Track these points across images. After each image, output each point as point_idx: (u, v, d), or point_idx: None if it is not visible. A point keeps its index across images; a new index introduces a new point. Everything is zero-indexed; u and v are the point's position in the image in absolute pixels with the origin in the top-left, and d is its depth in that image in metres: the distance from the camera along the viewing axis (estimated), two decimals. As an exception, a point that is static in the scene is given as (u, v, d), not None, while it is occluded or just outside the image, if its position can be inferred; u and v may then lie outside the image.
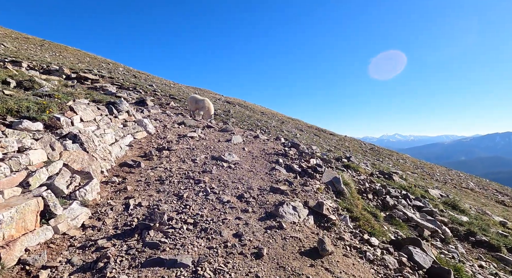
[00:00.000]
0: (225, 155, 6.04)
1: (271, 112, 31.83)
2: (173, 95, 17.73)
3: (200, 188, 4.50)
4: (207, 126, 9.14)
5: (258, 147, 7.23)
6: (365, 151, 26.91)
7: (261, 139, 8.24)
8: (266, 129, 17.04)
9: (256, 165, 5.82)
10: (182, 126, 8.58)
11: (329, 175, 5.77)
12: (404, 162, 28.08)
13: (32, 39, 24.30)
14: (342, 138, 30.22)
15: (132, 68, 29.80)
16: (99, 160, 4.58)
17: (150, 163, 5.49)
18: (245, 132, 9.22)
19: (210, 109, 13.32)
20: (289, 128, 23.56)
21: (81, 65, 20.07)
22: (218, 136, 8.11)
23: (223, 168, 5.49)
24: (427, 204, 6.99)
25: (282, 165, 5.85)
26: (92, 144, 4.68)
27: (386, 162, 24.42)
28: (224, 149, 6.75)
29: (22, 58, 15.76)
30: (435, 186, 14.76)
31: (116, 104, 6.79)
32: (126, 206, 3.79)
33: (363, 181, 7.16)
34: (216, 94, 33.01)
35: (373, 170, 9.01)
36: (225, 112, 18.19)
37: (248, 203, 4.16)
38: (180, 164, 5.54)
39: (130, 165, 5.14)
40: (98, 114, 5.93)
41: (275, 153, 6.64)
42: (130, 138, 6.52)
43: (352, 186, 6.14)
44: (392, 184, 7.99)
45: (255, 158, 6.26)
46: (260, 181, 4.99)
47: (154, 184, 4.55)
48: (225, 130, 8.84)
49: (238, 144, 7.34)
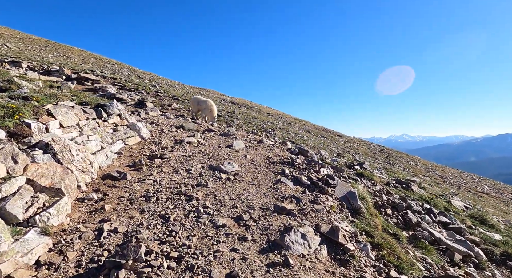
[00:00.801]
0: (224, 165, 5.32)
1: (277, 113, 31.06)
2: (176, 96, 17.13)
3: (192, 207, 3.78)
4: (207, 130, 8.45)
5: (262, 154, 6.49)
6: (374, 153, 25.94)
7: (266, 145, 7.49)
8: (271, 131, 16.30)
9: (259, 177, 5.08)
10: (180, 130, 7.91)
11: (343, 189, 4.99)
12: (415, 165, 27.00)
13: (37, 40, 24.09)
14: (350, 140, 29.26)
15: (137, 69, 29.43)
16: (75, 173, 3.92)
17: (139, 174, 4.80)
18: (249, 136, 8.49)
19: (213, 111, 12.66)
20: (295, 129, 22.76)
21: (85, 66, 19.67)
22: (218, 141, 7.40)
23: (220, 180, 4.76)
24: (453, 219, 6.13)
25: (288, 176, 5.09)
26: (69, 154, 4.02)
27: (397, 165, 23.43)
28: (224, 156, 6.03)
29: (24, 58, 15.38)
30: (451, 192, 13.75)
31: (106, 107, 6.15)
32: (99, 232, 3.10)
33: (380, 193, 6.34)
34: (221, 95, 32.41)
35: (389, 178, 8.17)
36: (230, 114, 17.51)
37: (248, 227, 3.42)
38: (172, 176, 4.84)
39: (114, 177, 4.46)
40: (83, 118, 5.28)
41: (281, 162, 5.88)
42: (120, 145, 5.86)
43: (368, 200, 5.35)
44: (411, 195, 7.15)
45: (258, 168, 5.51)
46: (263, 198, 4.25)
47: (138, 201, 3.86)
48: (227, 134, 8.13)
49: (240, 151, 6.62)
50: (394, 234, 4.57)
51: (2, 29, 23.74)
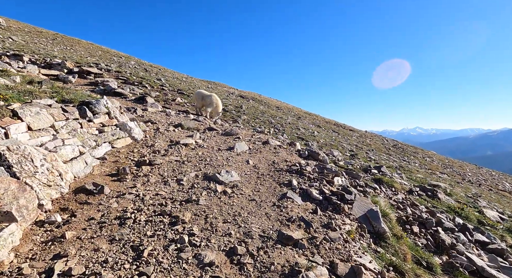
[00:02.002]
0: (222, 173, 4.52)
1: (287, 107, 29.98)
2: (182, 90, 16.38)
3: (175, 235, 3.01)
4: (208, 128, 7.64)
5: (267, 159, 5.64)
6: (388, 148, 24.67)
7: (272, 146, 6.64)
8: (280, 126, 15.38)
9: (262, 189, 4.25)
10: (178, 129, 7.13)
11: (362, 206, 4.10)
12: (431, 161, 25.62)
13: (45, 33, 23.71)
14: (363, 134, 27.98)
15: (145, 62, 28.83)
16: (36, 188, 3.20)
17: (120, 186, 4.06)
18: (254, 136, 7.64)
19: (218, 106, 11.83)
20: (305, 124, 21.72)
21: (91, 59, 19.13)
22: (219, 142, 6.59)
23: (215, 194, 3.96)
24: (491, 237, 5.16)
25: (296, 189, 4.24)
26: (30, 165, 3.30)
27: (412, 161, 22.18)
28: (222, 162, 5.22)
29: (27, 51, 14.91)
30: (473, 192, 12.55)
31: (92, 105, 5.41)
32: (47, 276, 2.38)
33: (403, 205, 5.42)
34: (230, 88, 31.53)
35: (411, 184, 7.18)
36: (237, 108, 16.65)
37: (242, 267, 2.61)
38: (159, 188, 4.07)
39: (89, 191, 3.73)
40: (61, 119, 4.56)
41: (288, 170, 5.02)
42: (105, 148, 5.14)
43: (392, 217, 4.45)
44: (439, 206, 6.18)
45: (261, 177, 4.68)
46: (265, 220, 3.43)
47: (110, 225, 3.12)
48: (230, 133, 7.30)
49: (242, 154, 5.79)
50: (427, 263, 3.69)
51: (11, 22, 23.45)
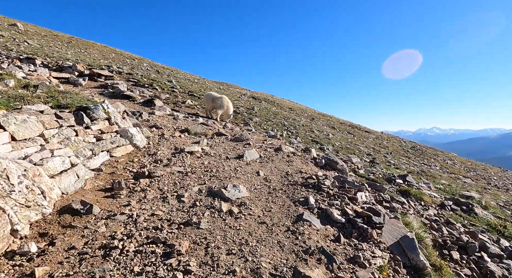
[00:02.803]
0: (228, 188, 3.94)
1: (300, 108, 29.18)
2: (193, 92, 15.99)
3: (167, 272, 2.45)
4: (217, 134, 7.10)
5: (280, 169, 5.02)
6: (406, 151, 23.48)
7: (285, 153, 6.01)
8: (293, 129, 14.69)
9: (273, 209, 3.64)
10: (184, 135, 6.62)
11: (393, 230, 3.41)
12: (452, 164, 24.20)
13: (61, 37, 24.04)
14: (379, 136, 26.80)
15: (158, 63, 28.81)
16: (9, 211, 2.73)
17: (113, 203, 3.56)
18: (265, 141, 7.03)
19: (229, 108, 11.31)
20: (319, 126, 20.91)
21: (104, 61, 19.11)
22: (228, 149, 6.03)
23: (219, 215, 3.39)
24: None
25: (314, 209, 3.60)
26: (4, 183, 2.83)
27: (433, 164, 20.96)
28: (230, 173, 4.64)
29: (41, 55, 14.94)
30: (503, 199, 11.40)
31: (90, 110, 4.97)
32: None
33: (437, 223, 4.66)
34: (242, 89, 31.06)
35: (441, 196, 6.36)
36: (248, 110, 16.08)
37: (248, 324, 2.03)
38: (156, 206, 3.54)
39: (76, 211, 3.24)
40: (53, 126, 4.12)
41: (303, 183, 4.38)
42: (103, 158, 4.67)
43: (428, 242, 3.73)
44: (477, 223, 5.36)
45: (272, 193, 4.07)
46: (277, 252, 2.82)
47: (92, 258, 2.60)
48: (239, 139, 6.73)
49: (251, 164, 5.20)
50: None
51: (29, 27, 23.92)
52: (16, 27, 21.87)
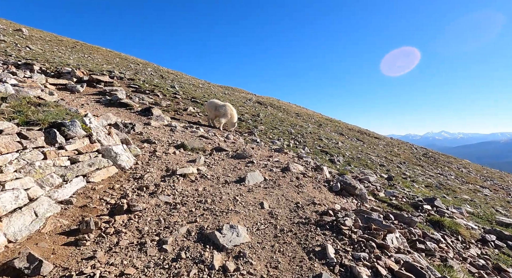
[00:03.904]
0: (224, 230, 3.09)
1: (307, 113, 28.24)
2: (196, 98, 15.25)
3: None
4: (216, 149, 6.27)
5: (288, 199, 4.15)
6: (418, 158, 22.32)
7: (294, 174, 5.13)
8: (301, 137, 13.79)
9: (281, 264, 2.76)
10: (179, 151, 5.81)
11: (444, 299, 2.51)
12: (467, 172, 22.92)
13: (66, 41, 23.72)
14: (389, 142, 25.65)
15: (163, 68, 28.31)
16: None
17: (73, 255, 2.74)
18: (271, 158, 6.17)
19: (233, 116, 10.51)
20: (327, 132, 19.95)
21: (107, 66, 18.58)
22: (228, 169, 5.19)
23: (210, 275, 2.55)
24: None
25: (334, 266, 2.71)
26: None
27: (447, 172, 19.79)
28: (228, 205, 3.79)
29: (41, 60, 14.45)
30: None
31: (65, 127, 4.20)
32: None
33: (485, 270, 3.71)
34: (247, 94, 30.31)
35: (478, 226, 5.37)
36: (254, 117, 15.25)
37: None
38: (129, 260, 2.71)
39: (18, 271, 2.44)
40: (12, 149, 3.35)
41: (318, 222, 3.49)
42: (77, 185, 3.89)
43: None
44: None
45: (280, 237, 3.19)
46: None
47: None
48: (241, 156, 5.88)
49: (255, 190, 4.34)
50: None
51: (34, 32, 23.69)
52: (21, 32, 21.62)
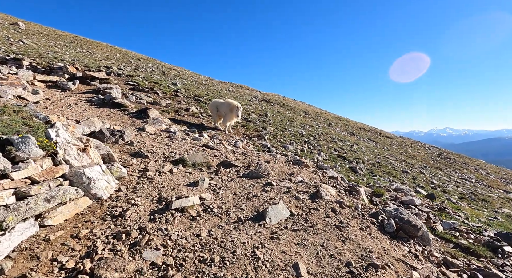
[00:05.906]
0: None
1: (314, 111, 26.75)
2: (199, 96, 13.89)
3: None
4: (223, 164, 4.93)
5: (333, 255, 2.81)
6: (435, 160, 20.84)
7: (328, 204, 3.79)
8: (313, 139, 12.41)
9: None
10: (178, 169, 4.48)
11: None
12: (486, 174, 21.46)
13: (64, 36, 22.39)
14: (402, 142, 24.16)
15: (165, 64, 26.90)
16: None
17: None
18: (293, 175, 4.83)
19: (237, 109, 9.14)
20: (338, 132, 18.54)
21: (105, 62, 17.25)
22: (240, 195, 3.86)
23: None
24: None
25: None
26: None
27: (467, 175, 18.36)
28: (245, 269, 2.45)
29: (33, 55, 13.15)
30: None
31: (12, 146, 2.90)
32: None
33: None
34: (252, 91, 28.86)
35: None
36: (261, 117, 13.87)
37: None
38: None
39: None
40: None
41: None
42: (24, 233, 2.59)
43: None
44: None
45: None
46: None
47: None
48: (256, 174, 4.55)
49: (280, 236, 3.01)
50: None
51: (32, 26, 22.38)
52: (17, 26, 20.33)
